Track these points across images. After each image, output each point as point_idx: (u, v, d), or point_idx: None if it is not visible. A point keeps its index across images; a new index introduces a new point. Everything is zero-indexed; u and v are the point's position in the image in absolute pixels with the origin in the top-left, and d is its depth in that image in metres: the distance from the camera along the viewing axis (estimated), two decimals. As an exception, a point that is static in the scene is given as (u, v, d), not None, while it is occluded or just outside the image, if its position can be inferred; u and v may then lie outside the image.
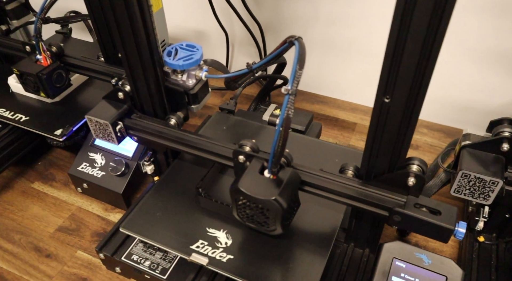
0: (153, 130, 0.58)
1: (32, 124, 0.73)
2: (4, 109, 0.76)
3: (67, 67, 0.73)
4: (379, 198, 0.46)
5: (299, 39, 0.49)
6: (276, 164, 0.46)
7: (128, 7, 0.48)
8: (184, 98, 0.59)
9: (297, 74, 0.44)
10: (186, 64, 0.55)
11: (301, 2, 0.87)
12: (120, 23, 0.50)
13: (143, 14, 0.49)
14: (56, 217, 0.73)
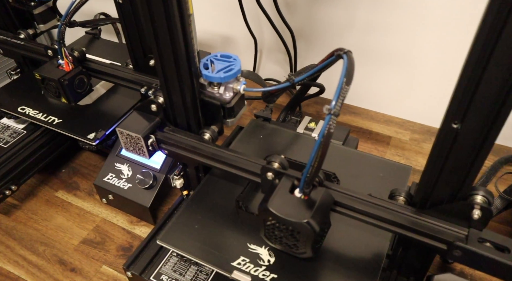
0: (187, 145, 0.55)
1: (65, 127, 0.71)
2: (37, 111, 0.75)
3: (89, 72, 0.72)
4: (437, 229, 0.42)
5: (348, 52, 0.45)
6: (309, 185, 0.43)
7: (168, 16, 0.45)
8: (220, 112, 0.56)
9: (343, 91, 0.40)
10: (227, 76, 0.52)
11: (337, 9, 0.83)
12: (158, 32, 0.47)
13: (183, 24, 0.46)
14: (81, 228, 0.70)
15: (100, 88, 0.79)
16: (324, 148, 0.39)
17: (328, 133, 0.39)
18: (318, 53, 0.94)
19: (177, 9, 0.44)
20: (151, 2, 0.44)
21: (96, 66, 0.71)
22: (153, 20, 0.46)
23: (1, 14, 0.77)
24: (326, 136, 0.38)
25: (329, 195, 0.45)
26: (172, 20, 0.45)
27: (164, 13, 0.45)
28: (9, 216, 0.72)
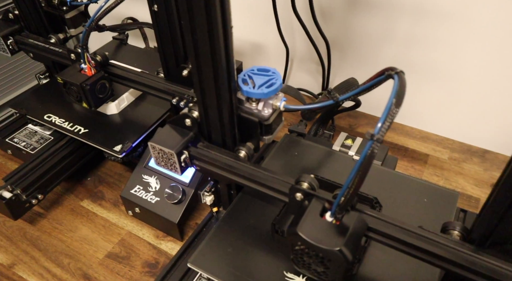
0: (222, 163, 0.52)
1: (92, 137, 0.70)
2: (64, 120, 0.73)
3: (112, 77, 0.70)
4: (500, 272, 0.38)
5: (400, 73, 0.42)
6: (343, 210, 0.40)
7: (210, 28, 0.42)
8: (257, 128, 0.53)
9: (391, 113, 0.37)
10: (270, 92, 0.49)
11: (376, 19, 0.79)
12: (199, 45, 0.44)
13: (226, 37, 0.43)
14: (106, 241, 0.68)
15: (127, 97, 0.77)
16: (362, 174, 0.36)
17: (369, 160, 0.36)
18: (352, 64, 0.90)
19: (220, 21, 0.41)
20: (194, 13, 0.42)
21: (120, 71, 0.69)
22: (193, 31, 0.43)
23: (34, 19, 0.76)
24: (365, 163, 0.36)
25: (362, 221, 0.42)
26: (215, 33, 0.42)
27: (206, 24, 0.42)
28: (34, 224, 0.71)
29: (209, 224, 0.65)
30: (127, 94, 0.77)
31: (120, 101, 0.76)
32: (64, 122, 0.73)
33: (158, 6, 0.58)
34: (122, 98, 0.76)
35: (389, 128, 0.36)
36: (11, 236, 0.69)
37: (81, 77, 0.67)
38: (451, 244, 0.41)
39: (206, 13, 0.41)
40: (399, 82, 0.39)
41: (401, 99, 0.37)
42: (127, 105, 0.77)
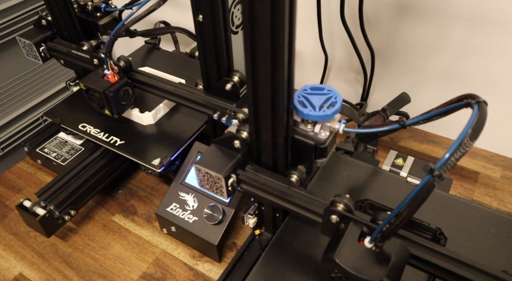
0: (273, 188, 0.48)
1: (128, 149, 0.67)
2: (98, 130, 0.70)
3: (135, 84, 0.68)
4: None
5: (482, 103, 0.37)
6: (386, 238, 0.37)
7: (274, 50, 0.38)
8: (311, 152, 0.49)
9: (463, 146, 0.32)
10: (333, 113, 0.45)
11: (427, 27, 0.74)
12: (258, 65, 0.40)
13: (291, 59, 0.39)
14: (140, 261, 0.65)
15: (164, 107, 0.74)
16: (413, 208, 0.33)
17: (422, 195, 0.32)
18: (395, 74, 0.85)
19: (287, 43, 0.37)
20: (257, 33, 0.38)
21: (146, 78, 0.67)
22: (254, 52, 0.39)
23: (67, 25, 0.73)
24: (418, 198, 0.32)
25: (405, 248, 0.39)
26: (280, 53, 0.38)
27: (270, 46, 0.38)
28: (65, 240, 0.68)
29: (250, 247, 0.61)
30: (163, 104, 0.73)
31: (157, 111, 0.72)
32: (99, 132, 0.70)
33: (204, 17, 0.54)
34: (159, 108, 0.73)
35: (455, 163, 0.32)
36: (42, 253, 0.66)
37: (104, 84, 0.65)
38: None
39: (272, 33, 0.37)
40: (480, 113, 0.35)
41: (478, 133, 0.33)
42: (163, 115, 0.74)
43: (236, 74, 0.60)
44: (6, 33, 0.98)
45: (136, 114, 0.72)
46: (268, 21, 0.36)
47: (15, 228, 0.70)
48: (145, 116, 0.72)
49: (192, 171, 0.66)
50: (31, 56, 0.77)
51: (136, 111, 0.72)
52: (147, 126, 0.72)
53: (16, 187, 0.77)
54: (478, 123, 0.34)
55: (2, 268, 0.65)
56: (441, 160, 0.31)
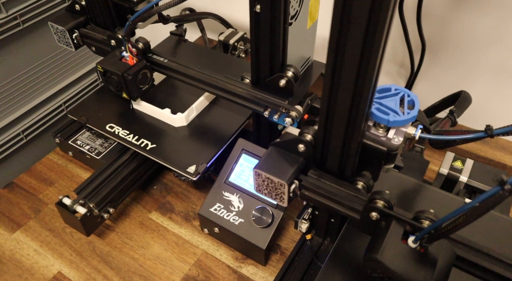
0: (339, 196, 0.45)
1: (161, 154, 0.63)
2: (127, 131, 0.67)
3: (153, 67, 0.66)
4: None
5: None
6: (434, 240, 0.36)
7: (369, 50, 0.34)
8: (382, 158, 0.45)
9: None
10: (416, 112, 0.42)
11: (484, 19, 0.69)
12: (345, 62, 0.36)
13: (382, 60, 0.35)
14: (181, 261, 0.63)
15: (197, 107, 0.70)
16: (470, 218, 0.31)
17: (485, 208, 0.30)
18: (443, 68, 0.80)
19: (383, 42, 0.33)
20: (349, 30, 0.33)
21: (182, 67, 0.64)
22: (340, 50, 0.35)
23: (102, 11, 0.69)
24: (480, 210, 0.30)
25: (451, 250, 0.38)
26: (372, 57, 0.34)
27: (362, 44, 0.34)
28: (103, 238, 0.66)
29: (301, 252, 0.58)
30: (196, 104, 0.69)
31: (190, 112, 0.68)
32: (128, 134, 0.66)
33: (262, 7, 0.50)
34: (192, 108, 0.69)
35: None
36: (80, 251, 0.64)
37: (122, 66, 0.63)
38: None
39: (367, 29, 0.33)
40: None
41: None
42: (196, 116, 0.70)
43: (291, 69, 0.56)
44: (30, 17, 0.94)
45: (167, 114, 0.68)
46: (365, 22, 0.32)
47: (50, 224, 0.67)
48: (177, 117, 0.68)
49: (236, 169, 0.63)
50: (62, 43, 0.73)
51: (168, 112, 0.69)
52: (179, 128, 0.68)
53: (48, 179, 0.75)
54: None
55: (40, 266, 0.62)
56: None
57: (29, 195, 0.72)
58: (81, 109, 0.73)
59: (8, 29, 0.91)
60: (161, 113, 0.69)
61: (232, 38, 0.87)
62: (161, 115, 0.69)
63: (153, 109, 0.70)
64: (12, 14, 0.89)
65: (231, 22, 0.92)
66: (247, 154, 0.63)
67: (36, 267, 0.62)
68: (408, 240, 0.38)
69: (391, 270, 0.36)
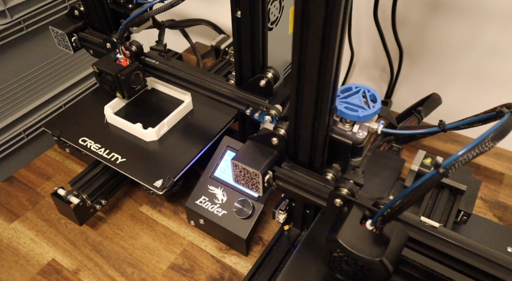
0: (309, 186, 0.49)
1: (129, 168, 0.64)
2: (99, 145, 0.68)
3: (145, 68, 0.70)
4: None
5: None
6: (387, 221, 0.40)
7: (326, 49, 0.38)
8: (348, 151, 0.49)
9: (482, 146, 0.33)
10: (379, 104, 0.46)
11: (458, 26, 0.74)
12: (306, 65, 0.40)
13: (339, 59, 0.40)
14: (168, 251, 0.67)
15: (168, 122, 0.71)
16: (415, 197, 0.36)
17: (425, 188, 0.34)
18: (421, 73, 0.85)
19: (338, 41, 0.38)
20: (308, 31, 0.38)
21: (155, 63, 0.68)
22: (304, 46, 0.40)
23: (99, 16, 0.74)
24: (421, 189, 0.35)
25: (403, 231, 0.42)
26: (330, 54, 0.38)
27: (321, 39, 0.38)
28: (95, 229, 0.70)
29: (279, 242, 0.62)
30: (167, 119, 0.71)
31: (161, 127, 0.70)
32: (99, 148, 0.67)
33: (242, 13, 0.54)
34: (163, 123, 0.70)
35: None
36: (74, 240, 0.68)
37: (116, 67, 0.67)
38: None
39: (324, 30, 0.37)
40: (508, 121, 0.36)
41: (501, 137, 0.34)
42: (167, 131, 0.71)
43: (270, 70, 0.60)
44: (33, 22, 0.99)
45: (138, 129, 0.69)
46: (321, 23, 0.36)
47: (47, 215, 0.72)
48: (148, 132, 0.69)
49: (221, 165, 0.67)
50: (62, 46, 0.78)
51: (139, 126, 0.69)
52: (150, 142, 0.69)
53: (46, 174, 0.79)
54: (503, 129, 0.34)
55: (35, 253, 0.66)
56: (450, 157, 0.32)
57: (27, 188, 0.76)
58: (56, 122, 0.74)
59: (12, 33, 0.96)
60: (132, 127, 0.70)
61: (224, 44, 0.92)
62: (133, 130, 0.70)
63: (125, 123, 0.71)
64: (16, 19, 0.95)
65: (223, 28, 0.97)
66: (231, 151, 0.67)
67: (31, 254, 0.66)
68: (366, 223, 0.42)
69: (348, 249, 0.40)
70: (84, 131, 0.71)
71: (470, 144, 0.34)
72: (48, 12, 1.01)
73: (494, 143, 0.34)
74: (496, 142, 0.34)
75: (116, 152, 0.67)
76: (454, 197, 0.61)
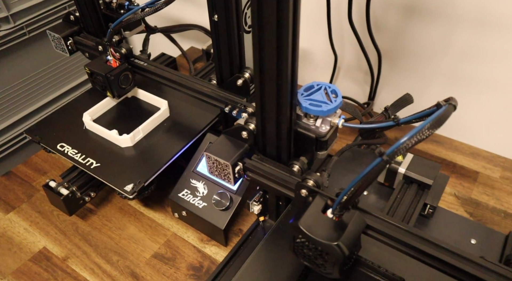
0: (276, 177, 0.53)
1: (102, 173, 0.67)
2: (76, 151, 0.70)
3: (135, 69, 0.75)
4: None
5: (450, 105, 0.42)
6: (343, 208, 0.43)
7: (280, 47, 0.42)
8: (312, 144, 0.53)
9: (420, 134, 0.36)
10: (340, 98, 0.50)
11: (433, 31, 0.77)
12: (265, 62, 0.44)
13: (294, 56, 0.43)
14: (152, 241, 0.70)
15: (143, 129, 0.73)
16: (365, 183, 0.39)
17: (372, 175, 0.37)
18: (402, 75, 0.88)
19: (291, 40, 0.42)
20: (265, 30, 0.42)
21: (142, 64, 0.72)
22: (262, 47, 0.44)
23: (93, 21, 0.78)
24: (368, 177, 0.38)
25: (361, 218, 0.45)
26: (284, 51, 0.42)
27: (276, 41, 0.42)
28: (85, 220, 0.74)
29: (254, 232, 0.65)
30: (143, 126, 0.73)
31: (136, 134, 0.72)
32: (76, 153, 0.69)
33: (219, 16, 0.59)
34: (138, 130, 0.72)
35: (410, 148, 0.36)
36: (64, 230, 0.72)
37: (106, 68, 0.72)
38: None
39: (278, 30, 0.41)
40: (444, 112, 0.40)
41: (437, 126, 0.37)
42: (143, 137, 0.73)
43: (247, 70, 0.64)
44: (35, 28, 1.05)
45: (114, 135, 0.71)
46: (274, 24, 0.40)
47: (40, 207, 0.76)
48: (122, 138, 0.71)
49: (203, 160, 0.71)
50: (59, 49, 0.83)
51: (115, 133, 0.71)
52: (125, 148, 0.71)
53: (42, 170, 0.84)
54: (440, 118, 0.38)
55: (28, 241, 0.71)
56: (393, 146, 0.35)
57: (24, 182, 0.81)
58: (37, 128, 0.76)
59: (15, 38, 1.02)
60: (109, 134, 0.72)
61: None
62: (109, 136, 0.72)
63: (102, 130, 0.73)
64: (19, 24, 1.01)
65: (214, 33, 1.01)
66: (213, 147, 0.71)
67: (24, 242, 0.71)
68: (327, 212, 0.45)
69: (307, 234, 0.43)
70: (63, 137, 0.73)
71: (410, 133, 0.37)
72: (50, 18, 1.07)
73: (431, 131, 0.38)
74: (433, 131, 0.38)
75: (92, 157, 0.69)
76: (422, 191, 0.64)
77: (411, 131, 0.37)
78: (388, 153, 0.36)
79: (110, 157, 0.69)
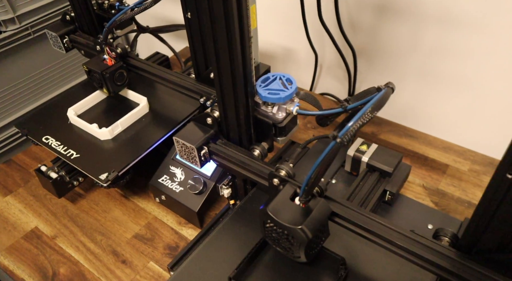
0: (237, 159, 0.58)
1: (80, 163, 0.71)
2: (59, 143, 0.75)
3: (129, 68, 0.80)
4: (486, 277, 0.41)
5: (388, 88, 0.47)
6: (308, 193, 0.46)
7: (230, 40, 0.47)
8: (271, 130, 0.58)
9: (364, 117, 0.40)
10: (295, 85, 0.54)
11: (403, 30, 0.81)
12: (219, 53, 0.50)
13: (244, 47, 0.48)
14: (134, 224, 0.76)
15: (122, 123, 0.77)
16: (322, 168, 0.43)
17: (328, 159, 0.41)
18: (378, 72, 0.92)
19: (238, 34, 0.47)
20: (215, 26, 0.47)
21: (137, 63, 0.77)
22: (215, 41, 0.49)
23: (86, 20, 0.85)
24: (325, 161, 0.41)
25: (326, 205, 0.48)
26: (233, 44, 0.47)
27: (226, 36, 0.47)
28: (75, 204, 0.80)
29: (225, 215, 0.70)
30: (121, 120, 0.77)
31: (114, 127, 0.76)
32: (59, 145, 0.74)
33: (191, 14, 0.64)
34: (117, 124, 0.76)
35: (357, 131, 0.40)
36: (55, 212, 0.78)
37: (103, 66, 0.77)
38: (438, 248, 0.44)
39: (226, 26, 0.46)
40: (384, 94, 0.44)
41: (378, 108, 0.42)
42: (122, 131, 0.77)
43: (220, 65, 0.69)
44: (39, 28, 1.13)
45: (94, 129, 0.76)
46: (223, 20, 0.45)
47: (35, 191, 0.83)
48: (101, 131, 0.75)
49: (182, 149, 0.76)
50: (56, 47, 0.90)
51: (95, 127, 0.76)
52: (104, 141, 0.75)
53: (40, 158, 0.90)
54: (380, 101, 0.42)
55: (22, 222, 0.77)
56: (343, 129, 0.40)
57: (22, 169, 0.88)
58: (25, 122, 0.81)
59: (20, 38, 1.10)
60: (90, 127, 0.76)
61: (202, 46, 1.02)
62: (90, 130, 0.77)
63: (84, 124, 0.77)
64: (24, 25, 1.08)
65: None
66: (192, 137, 0.76)
67: (18, 222, 0.77)
68: (296, 199, 0.48)
69: (274, 219, 0.46)
70: (49, 130, 0.78)
71: (356, 117, 0.41)
72: (54, 19, 1.14)
73: (373, 114, 0.42)
74: (375, 113, 0.42)
75: (73, 149, 0.73)
76: (383, 179, 0.68)
77: (356, 115, 0.41)
78: (340, 135, 0.40)
79: (89, 149, 0.74)
